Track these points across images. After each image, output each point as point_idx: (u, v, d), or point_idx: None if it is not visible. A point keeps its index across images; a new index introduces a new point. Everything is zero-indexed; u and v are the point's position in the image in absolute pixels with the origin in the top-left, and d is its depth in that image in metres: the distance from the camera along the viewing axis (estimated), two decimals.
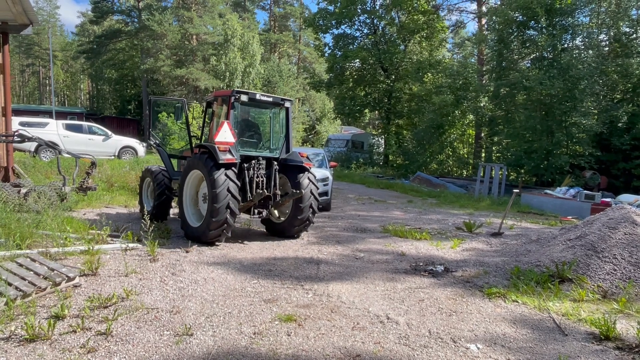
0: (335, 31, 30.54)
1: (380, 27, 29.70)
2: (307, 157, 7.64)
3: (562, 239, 6.30)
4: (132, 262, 5.49)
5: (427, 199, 15.64)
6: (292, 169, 7.49)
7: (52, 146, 9.54)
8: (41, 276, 4.43)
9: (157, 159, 15.56)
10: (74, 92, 65.41)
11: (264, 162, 7.35)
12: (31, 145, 14.50)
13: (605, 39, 20.83)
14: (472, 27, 77.34)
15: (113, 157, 17.27)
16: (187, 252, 6.24)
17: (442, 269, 6.02)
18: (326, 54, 32.06)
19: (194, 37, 36.54)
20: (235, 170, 6.70)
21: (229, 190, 6.38)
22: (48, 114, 27.38)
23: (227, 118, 7.03)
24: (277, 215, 7.97)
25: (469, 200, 15.19)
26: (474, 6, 30.79)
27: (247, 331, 3.74)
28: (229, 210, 6.41)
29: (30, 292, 4.15)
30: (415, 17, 28.03)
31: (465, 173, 24.90)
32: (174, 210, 8.76)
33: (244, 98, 7.14)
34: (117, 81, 48.81)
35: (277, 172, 7.43)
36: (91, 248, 5.24)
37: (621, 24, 19.33)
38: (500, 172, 17.46)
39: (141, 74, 37.56)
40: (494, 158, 23.33)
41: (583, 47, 19.81)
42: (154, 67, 33.66)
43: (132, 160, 16.17)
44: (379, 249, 7.15)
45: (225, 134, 6.67)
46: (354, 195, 15.45)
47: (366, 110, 34.57)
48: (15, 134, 9.09)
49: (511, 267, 5.90)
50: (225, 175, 6.41)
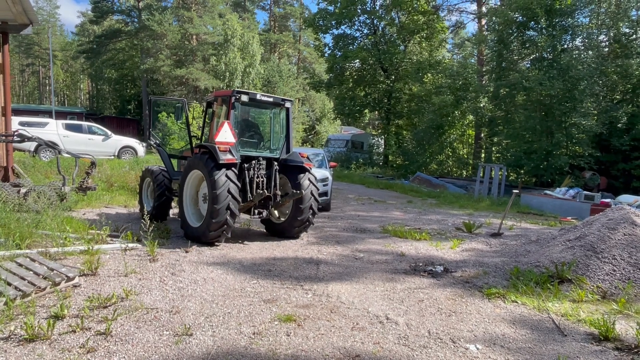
0: (335, 31, 30.60)
1: (380, 28, 29.70)
2: (308, 158, 7.64)
3: (562, 240, 6.30)
4: (131, 262, 5.49)
5: (427, 199, 15.64)
6: (293, 170, 7.49)
7: (51, 146, 9.54)
8: (41, 276, 4.43)
9: (157, 159, 15.56)
10: (73, 92, 65.41)
11: (264, 162, 7.35)
12: (31, 145, 14.49)
13: (605, 39, 20.85)
14: (472, 27, 77.41)
15: (113, 157, 17.27)
16: (186, 252, 6.24)
17: (442, 269, 6.03)
18: (326, 54, 32.05)
19: (194, 37, 36.55)
20: (236, 171, 6.68)
21: (229, 192, 6.37)
22: (48, 113, 27.38)
23: (227, 118, 7.02)
24: (277, 215, 7.97)
25: (468, 200, 15.19)
26: (473, 7, 30.86)
27: (246, 331, 3.74)
28: (229, 211, 6.41)
29: (30, 292, 4.15)
30: (415, 17, 28.04)
31: (464, 173, 24.90)
32: (173, 210, 8.76)
33: (244, 98, 7.13)
34: (117, 81, 48.82)
35: (277, 173, 7.43)
36: (91, 248, 5.24)
37: (621, 25, 19.33)
38: (499, 173, 17.45)
39: (141, 74, 37.56)
40: (493, 158, 23.33)
41: (583, 48, 19.83)
42: (154, 67, 33.67)
43: (132, 160, 16.17)
44: (378, 250, 7.15)
45: (225, 134, 6.66)
46: (353, 196, 15.45)
47: (366, 111, 34.57)
48: (15, 133, 9.08)
49: (511, 268, 5.90)
50: (226, 176, 6.40)
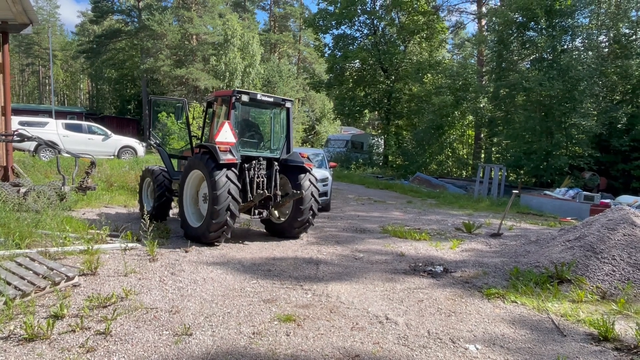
0: (335, 32, 30.58)
1: (380, 28, 29.69)
2: (308, 158, 7.64)
3: (561, 240, 6.30)
4: (131, 261, 5.49)
5: (427, 199, 15.65)
6: (293, 170, 7.48)
7: (51, 146, 9.54)
8: (40, 275, 4.43)
9: (157, 158, 15.57)
10: (73, 92, 65.40)
11: (264, 162, 7.34)
12: (31, 145, 14.49)
13: (604, 40, 20.85)
14: (472, 28, 77.45)
15: (113, 157, 17.27)
16: (186, 252, 6.24)
17: (441, 269, 6.03)
18: (326, 55, 32.04)
19: (194, 37, 36.55)
20: (236, 172, 6.67)
21: (229, 193, 6.37)
22: (48, 113, 27.39)
23: (227, 118, 7.02)
24: (277, 215, 7.96)
25: (468, 201, 15.20)
26: (473, 7, 30.84)
27: (246, 331, 3.74)
28: (229, 212, 6.40)
29: (30, 292, 4.15)
30: (415, 17, 28.04)
31: (464, 174, 24.90)
32: (174, 210, 8.76)
33: (244, 98, 7.13)
34: (117, 81, 48.83)
35: (277, 173, 7.43)
36: (90, 248, 5.24)
37: (621, 26, 19.33)
38: (499, 173, 17.46)
39: (141, 74, 37.57)
40: (493, 159, 23.33)
41: (583, 49, 19.81)
42: (154, 67, 33.67)
43: (132, 160, 16.17)
44: (378, 250, 7.15)
45: (226, 134, 6.66)
46: (353, 196, 15.45)
47: (366, 111, 34.57)
48: (15, 133, 9.08)
49: (510, 268, 5.90)
50: (226, 177, 6.39)
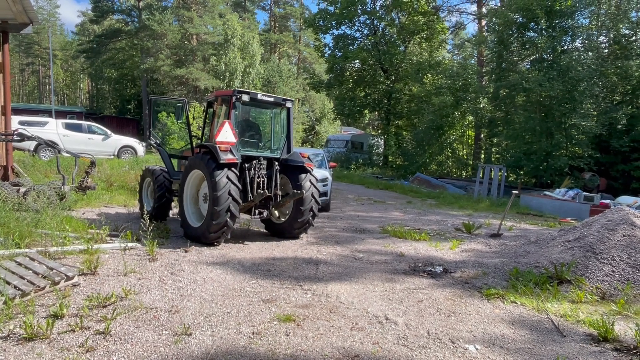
0: (336, 32, 30.55)
1: (380, 28, 29.69)
2: (309, 158, 7.64)
3: (561, 241, 6.31)
4: (131, 261, 5.49)
5: (427, 199, 15.65)
6: (293, 170, 7.48)
7: (51, 145, 9.54)
8: (40, 275, 4.43)
9: (157, 158, 15.58)
10: (73, 92, 65.40)
11: (264, 162, 7.35)
12: (31, 145, 14.50)
13: (604, 41, 20.86)
14: (472, 28, 77.39)
15: (112, 157, 17.28)
16: (186, 251, 6.24)
17: (441, 269, 6.03)
18: (326, 55, 32.03)
19: (194, 37, 36.56)
20: (237, 172, 6.67)
21: (230, 194, 6.36)
22: (48, 113, 27.41)
23: (228, 118, 7.02)
24: (277, 215, 7.96)
25: (468, 201, 15.20)
26: (474, 7, 30.78)
27: (245, 331, 3.74)
28: (229, 213, 6.40)
29: (29, 291, 4.15)
30: (415, 18, 28.03)
31: (464, 174, 24.91)
32: (174, 210, 8.76)
33: (245, 98, 7.12)
34: (117, 81, 48.82)
35: (278, 173, 7.43)
36: (90, 247, 5.24)
37: (621, 26, 19.33)
38: (499, 174, 17.46)
39: (141, 74, 37.58)
40: (493, 159, 23.33)
41: (583, 49, 19.82)
42: (154, 67, 33.68)
43: (132, 160, 16.17)
44: (378, 250, 7.15)
45: (226, 134, 6.65)
46: (353, 196, 15.45)
47: (366, 111, 34.56)
48: (15, 133, 9.08)
49: (510, 268, 5.90)
50: (227, 177, 6.38)
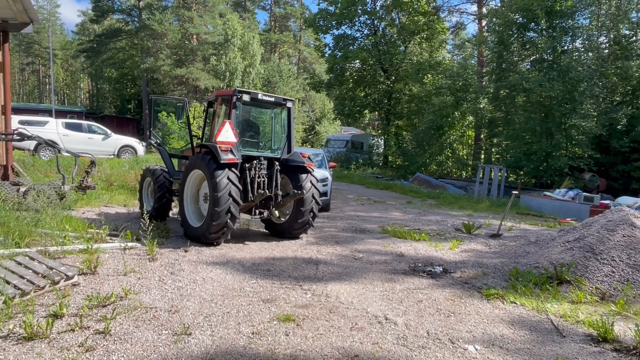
0: (336, 32, 30.56)
1: (380, 28, 29.69)
2: (309, 158, 7.64)
3: (561, 241, 6.31)
4: (131, 261, 5.49)
5: (427, 200, 15.65)
6: (294, 170, 7.48)
7: (51, 145, 9.54)
8: (40, 275, 4.44)
9: (157, 158, 15.58)
10: (73, 91, 65.41)
11: (265, 162, 7.34)
12: (31, 144, 14.50)
13: (605, 41, 20.84)
14: (472, 28, 77.39)
15: (112, 156, 17.28)
16: (186, 251, 6.24)
17: (441, 270, 6.03)
18: (326, 55, 32.04)
19: (194, 36, 36.56)
20: (237, 172, 6.66)
21: (230, 195, 6.35)
22: (48, 112, 27.40)
23: (228, 118, 7.01)
24: (278, 215, 7.96)
25: (468, 201, 15.20)
26: (474, 8, 30.77)
27: (245, 331, 3.74)
28: (229, 214, 6.39)
29: (29, 291, 4.15)
30: (415, 18, 28.04)
31: (464, 174, 24.91)
32: (174, 210, 8.76)
33: (245, 98, 7.12)
34: (117, 80, 48.81)
35: (278, 173, 7.42)
36: (90, 247, 5.24)
37: (621, 27, 19.33)
38: (499, 174, 17.46)
39: (141, 73, 37.56)
40: (493, 159, 23.34)
41: (583, 50, 19.83)
42: (154, 67, 33.66)
43: (132, 160, 16.17)
44: (377, 250, 7.15)
45: (226, 134, 6.65)
46: (353, 196, 15.45)
47: (366, 111, 34.58)
48: (15, 132, 9.08)
49: (510, 269, 5.90)
50: (227, 178, 6.37)
